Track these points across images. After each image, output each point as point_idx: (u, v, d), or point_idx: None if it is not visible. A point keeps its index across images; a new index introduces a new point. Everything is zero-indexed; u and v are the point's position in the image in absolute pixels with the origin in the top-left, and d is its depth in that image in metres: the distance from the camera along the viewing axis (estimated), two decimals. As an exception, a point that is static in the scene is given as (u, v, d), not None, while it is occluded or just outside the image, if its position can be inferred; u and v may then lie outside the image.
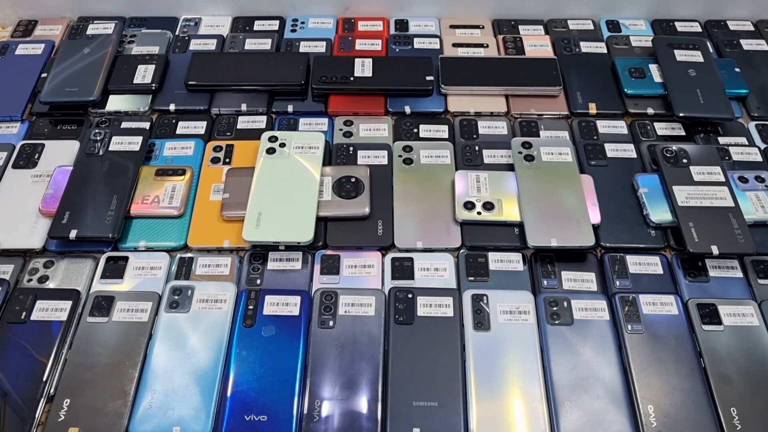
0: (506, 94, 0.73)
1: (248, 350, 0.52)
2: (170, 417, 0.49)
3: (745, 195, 0.63)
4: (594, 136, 0.70)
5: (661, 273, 0.59)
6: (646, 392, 0.50)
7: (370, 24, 0.83)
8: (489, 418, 0.49)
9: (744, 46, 0.80)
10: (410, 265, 0.59)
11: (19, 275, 0.58)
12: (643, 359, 0.52)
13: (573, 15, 0.84)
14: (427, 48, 0.80)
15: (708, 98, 0.70)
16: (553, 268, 0.59)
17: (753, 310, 0.55)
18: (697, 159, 0.64)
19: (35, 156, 0.67)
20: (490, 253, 0.60)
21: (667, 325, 0.54)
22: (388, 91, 0.73)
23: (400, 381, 0.51)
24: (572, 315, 0.55)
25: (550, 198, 0.61)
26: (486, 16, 0.84)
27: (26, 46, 0.78)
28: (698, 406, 0.50)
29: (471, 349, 0.53)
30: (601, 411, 0.50)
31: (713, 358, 0.52)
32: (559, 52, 0.79)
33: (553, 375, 0.51)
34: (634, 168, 0.66)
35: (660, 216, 0.61)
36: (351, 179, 0.63)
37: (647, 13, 0.84)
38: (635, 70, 0.75)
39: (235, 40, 0.80)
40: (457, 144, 0.68)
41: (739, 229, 0.58)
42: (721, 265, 0.59)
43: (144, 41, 0.79)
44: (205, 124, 0.71)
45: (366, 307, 0.55)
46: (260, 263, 0.59)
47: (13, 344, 0.53)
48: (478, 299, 0.55)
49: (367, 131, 0.70)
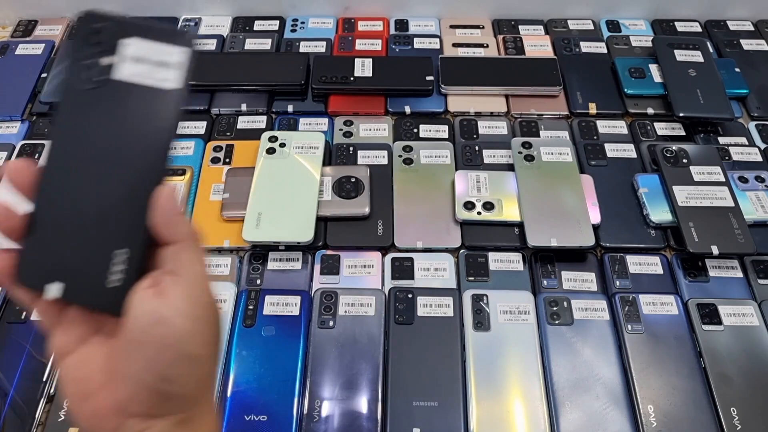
0: (506, 94, 0.73)
1: (248, 350, 0.52)
2: (170, 417, 0.49)
3: (745, 195, 0.63)
4: (594, 136, 0.70)
5: (661, 273, 0.59)
6: (646, 392, 0.50)
7: (370, 24, 0.83)
8: (489, 417, 0.49)
9: (744, 46, 0.80)
10: (410, 265, 0.59)
11: (19, 275, 0.58)
12: (643, 359, 0.52)
13: (573, 15, 0.84)
14: (427, 48, 0.79)
15: (708, 98, 0.70)
16: (553, 268, 0.59)
17: (753, 310, 0.55)
18: (697, 159, 0.64)
19: (35, 156, 0.67)
20: (490, 253, 0.60)
21: (667, 325, 0.54)
22: (388, 91, 0.73)
23: (400, 381, 0.51)
24: (572, 315, 0.55)
25: (550, 198, 0.61)
26: (486, 16, 0.84)
27: (26, 46, 0.78)
28: (698, 406, 0.50)
29: (471, 348, 0.53)
30: (601, 411, 0.50)
31: (713, 358, 0.52)
32: (559, 52, 0.79)
33: (553, 375, 0.51)
34: (634, 168, 0.66)
35: (660, 216, 0.61)
36: (351, 179, 0.63)
37: (647, 13, 0.84)
38: (635, 70, 0.75)
39: (235, 40, 0.80)
40: (457, 144, 0.68)
41: (739, 229, 0.58)
42: (721, 265, 0.59)
43: (144, 41, 0.79)
44: (205, 124, 0.71)
45: (366, 307, 0.55)
46: (260, 263, 0.59)
47: (13, 344, 0.53)
48: (478, 299, 0.55)
49: (367, 131, 0.70)
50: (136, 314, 0.27)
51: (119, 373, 0.28)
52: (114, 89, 0.29)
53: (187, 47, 0.29)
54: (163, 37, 0.29)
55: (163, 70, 0.29)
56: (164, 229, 0.29)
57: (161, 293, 0.28)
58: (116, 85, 0.29)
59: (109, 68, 0.29)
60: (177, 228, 0.29)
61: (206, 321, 0.29)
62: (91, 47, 0.30)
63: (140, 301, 0.28)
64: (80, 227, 0.29)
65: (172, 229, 0.29)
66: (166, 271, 0.28)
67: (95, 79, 0.29)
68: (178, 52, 0.29)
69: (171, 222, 0.29)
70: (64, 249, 0.29)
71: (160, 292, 0.28)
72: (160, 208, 0.28)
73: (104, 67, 0.29)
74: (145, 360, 0.27)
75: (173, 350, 0.27)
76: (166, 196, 0.28)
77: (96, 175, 0.29)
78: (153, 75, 0.29)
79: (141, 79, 0.29)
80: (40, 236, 0.29)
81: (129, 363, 0.28)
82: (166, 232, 0.29)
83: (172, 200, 0.29)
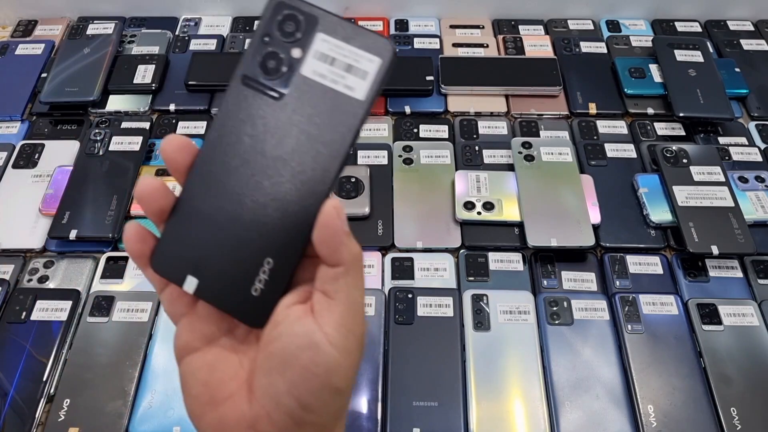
0: (506, 94, 0.73)
1: (248, 350, 0.52)
2: (170, 417, 0.49)
3: (745, 195, 0.63)
4: (594, 136, 0.70)
5: (661, 273, 0.59)
6: (646, 392, 0.50)
7: (370, 24, 0.83)
8: (489, 418, 0.49)
9: (744, 46, 0.80)
10: (410, 265, 0.59)
11: (19, 275, 0.58)
12: (643, 359, 0.52)
13: (573, 15, 0.84)
14: (427, 48, 0.79)
15: (708, 98, 0.70)
16: (553, 268, 0.59)
17: (753, 310, 0.55)
18: (697, 159, 0.64)
19: (35, 156, 0.67)
20: (490, 253, 0.60)
21: (667, 325, 0.54)
22: (388, 91, 0.73)
23: (400, 381, 0.51)
24: (572, 315, 0.55)
25: (550, 198, 0.61)
26: (486, 16, 0.84)
27: (26, 46, 0.78)
28: (698, 406, 0.50)
29: (471, 349, 0.53)
30: (601, 411, 0.50)
31: (713, 358, 0.52)
32: (559, 52, 0.78)
33: (553, 375, 0.51)
34: (634, 168, 0.66)
35: (660, 216, 0.61)
36: (351, 179, 0.63)
37: (647, 13, 0.84)
38: (635, 70, 0.75)
39: (236, 40, 0.80)
40: (457, 144, 0.68)
41: (739, 229, 0.58)
42: (721, 265, 0.59)
43: (144, 41, 0.79)
44: (205, 124, 0.71)
45: (366, 307, 0.55)
46: (260, 263, 0.59)
47: (13, 344, 0.53)
48: (478, 299, 0.55)
49: (367, 131, 0.70)
50: (287, 332, 0.26)
51: (259, 388, 0.26)
52: (297, 85, 0.27)
53: (382, 58, 0.26)
54: (361, 40, 0.27)
55: (353, 77, 0.27)
56: (326, 248, 0.26)
57: (315, 315, 0.26)
58: (301, 81, 0.27)
59: (297, 61, 0.27)
60: (341, 249, 0.26)
61: (355, 354, 0.27)
62: (282, 35, 0.27)
63: (293, 320, 0.26)
64: (230, 225, 0.27)
65: (335, 249, 0.26)
66: (320, 289, 0.26)
67: (280, 70, 0.27)
68: (373, 61, 0.26)
69: (335, 242, 0.26)
70: (208, 244, 0.27)
71: (313, 313, 0.26)
72: (326, 227, 0.26)
73: (293, 59, 0.27)
74: (289, 383, 0.25)
75: (320, 380, 0.25)
76: (333, 214, 0.26)
77: (259, 173, 0.27)
78: (342, 80, 0.27)
79: (329, 81, 0.27)
80: (183, 224, 0.27)
81: (271, 381, 0.26)
82: (327, 252, 0.26)
83: (339, 219, 0.26)
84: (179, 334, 0.28)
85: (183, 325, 0.28)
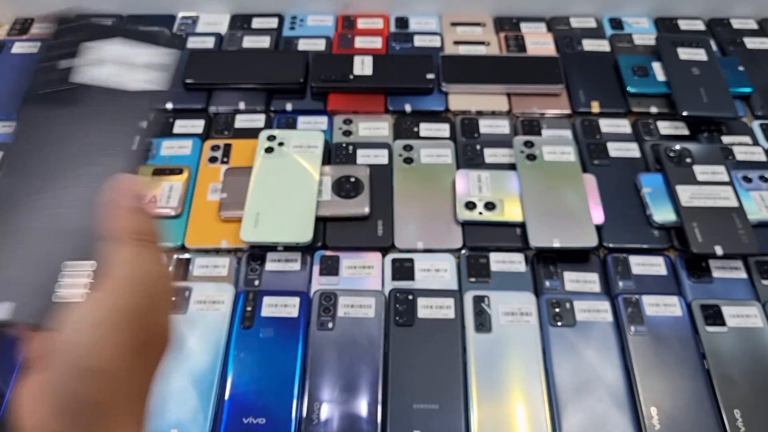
0: (508, 93, 0.73)
1: (246, 352, 0.52)
2: (167, 420, 0.49)
3: (749, 195, 0.62)
4: (597, 135, 0.69)
5: (664, 274, 0.58)
6: (649, 394, 0.50)
7: (370, 21, 0.82)
8: (490, 420, 0.49)
9: (748, 45, 0.79)
10: (411, 266, 0.58)
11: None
12: (646, 361, 0.52)
13: (575, 13, 0.83)
14: (428, 46, 0.79)
15: (711, 97, 0.69)
16: (555, 269, 0.58)
17: (757, 311, 0.55)
18: (701, 158, 0.63)
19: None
20: (492, 254, 0.59)
21: (670, 326, 0.54)
22: (389, 90, 0.72)
23: (400, 383, 0.50)
24: (575, 316, 0.54)
25: (553, 198, 0.60)
26: (487, 13, 0.83)
27: (22, 45, 0.77)
28: (701, 408, 0.49)
29: (472, 351, 0.52)
30: (603, 413, 0.49)
31: (717, 360, 0.52)
32: (561, 50, 0.78)
33: (556, 377, 0.51)
34: (637, 167, 0.66)
35: (663, 216, 0.60)
36: (351, 179, 0.62)
37: (650, 11, 0.83)
38: (638, 69, 0.74)
39: (233, 38, 0.79)
40: (459, 143, 0.68)
41: (743, 230, 0.58)
42: (725, 266, 0.58)
43: (142, 39, 0.79)
44: (202, 122, 0.70)
45: (366, 308, 0.54)
46: (258, 264, 0.58)
47: (9, 344, 0.52)
48: (479, 300, 0.55)
49: (367, 130, 0.69)
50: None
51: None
52: (70, 92, 0.29)
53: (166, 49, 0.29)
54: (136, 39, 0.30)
55: (128, 72, 0.29)
56: (105, 223, 0.26)
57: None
58: (73, 87, 0.29)
59: (67, 72, 0.29)
60: (118, 222, 0.25)
61: (120, 330, 0.26)
62: (53, 50, 0.30)
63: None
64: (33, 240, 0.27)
65: (112, 222, 0.25)
66: (99, 273, 0.26)
67: (54, 81, 0.29)
68: (154, 54, 0.29)
69: (113, 215, 0.25)
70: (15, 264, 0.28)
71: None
72: (105, 202, 0.25)
73: (63, 71, 0.30)
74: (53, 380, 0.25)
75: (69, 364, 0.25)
76: (113, 188, 0.25)
77: (48, 186, 0.28)
78: (111, 78, 0.29)
79: (98, 81, 0.29)
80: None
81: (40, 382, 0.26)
82: (106, 226, 0.26)
83: (119, 191, 0.25)
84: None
85: None
